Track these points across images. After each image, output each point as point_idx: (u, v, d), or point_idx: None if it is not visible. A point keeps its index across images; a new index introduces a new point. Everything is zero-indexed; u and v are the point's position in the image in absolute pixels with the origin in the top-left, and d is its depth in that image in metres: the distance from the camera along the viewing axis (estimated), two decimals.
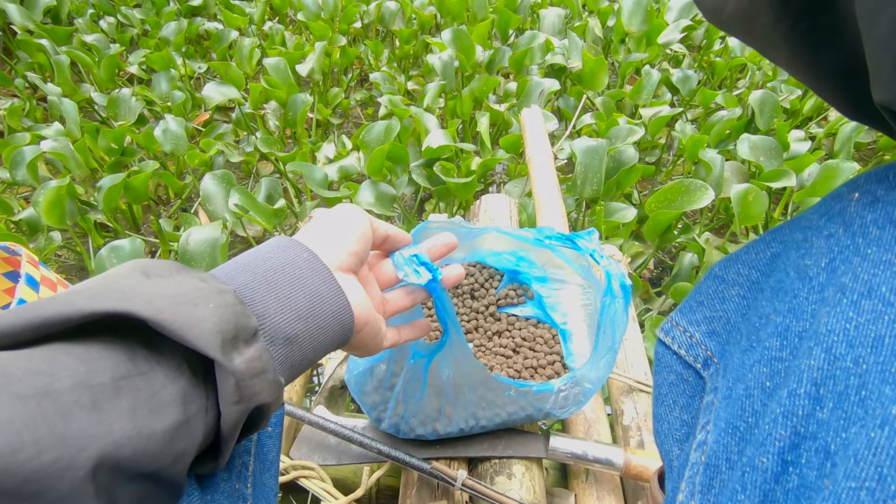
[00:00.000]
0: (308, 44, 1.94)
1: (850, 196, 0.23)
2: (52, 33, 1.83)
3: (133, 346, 0.24)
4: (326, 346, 0.31)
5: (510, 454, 0.57)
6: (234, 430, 0.26)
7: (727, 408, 0.24)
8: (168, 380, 0.23)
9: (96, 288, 0.24)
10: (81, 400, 0.20)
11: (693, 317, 0.30)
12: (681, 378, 0.31)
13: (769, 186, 1.26)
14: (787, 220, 0.27)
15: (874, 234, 0.21)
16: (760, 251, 0.28)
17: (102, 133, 1.42)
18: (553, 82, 1.60)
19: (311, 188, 1.27)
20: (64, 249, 1.38)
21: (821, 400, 0.20)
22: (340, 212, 0.35)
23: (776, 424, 0.21)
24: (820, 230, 0.23)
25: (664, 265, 1.39)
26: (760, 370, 0.23)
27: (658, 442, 0.32)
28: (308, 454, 0.59)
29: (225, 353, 0.24)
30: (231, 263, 0.30)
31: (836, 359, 0.20)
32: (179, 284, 0.26)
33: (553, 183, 0.98)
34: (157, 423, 0.22)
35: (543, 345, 0.62)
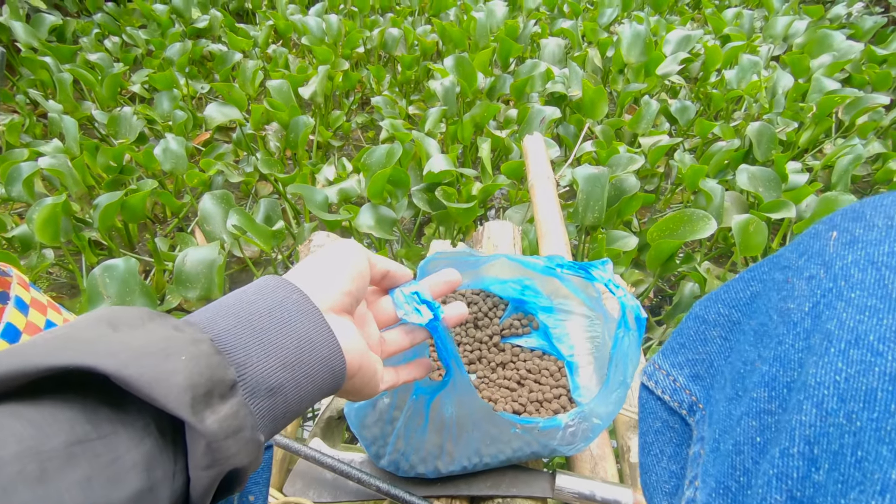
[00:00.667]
0: (311, 67, 1.96)
1: (828, 235, 0.22)
2: (57, 51, 1.84)
3: (95, 405, 0.21)
4: (314, 395, 0.29)
5: (514, 493, 0.55)
6: (206, 497, 0.24)
7: (716, 463, 0.23)
8: (132, 443, 0.21)
9: (56, 340, 0.22)
10: (26, 470, 0.18)
11: (675, 359, 0.29)
12: (667, 425, 0.29)
13: (769, 217, 1.26)
14: (766, 259, 0.26)
15: (856, 276, 0.20)
16: (740, 290, 0.27)
17: (102, 151, 1.41)
18: (554, 110, 1.62)
19: (310, 210, 1.27)
20: (56, 267, 1.35)
21: (816, 460, 0.19)
22: (336, 249, 0.33)
23: (770, 488, 0.19)
24: (800, 271, 0.23)
25: (664, 294, 1.38)
26: (749, 423, 0.22)
27: (647, 495, 0.31)
28: (303, 490, 0.56)
29: (196, 412, 0.22)
30: (213, 306, 0.28)
31: (828, 414, 0.19)
32: (149, 334, 0.24)
33: (556, 209, 0.98)
34: (115, 493, 0.20)
35: (549, 377, 0.60)
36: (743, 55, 1.95)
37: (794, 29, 2.32)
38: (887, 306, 0.18)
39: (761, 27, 2.45)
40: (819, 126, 1.68)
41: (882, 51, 2.05)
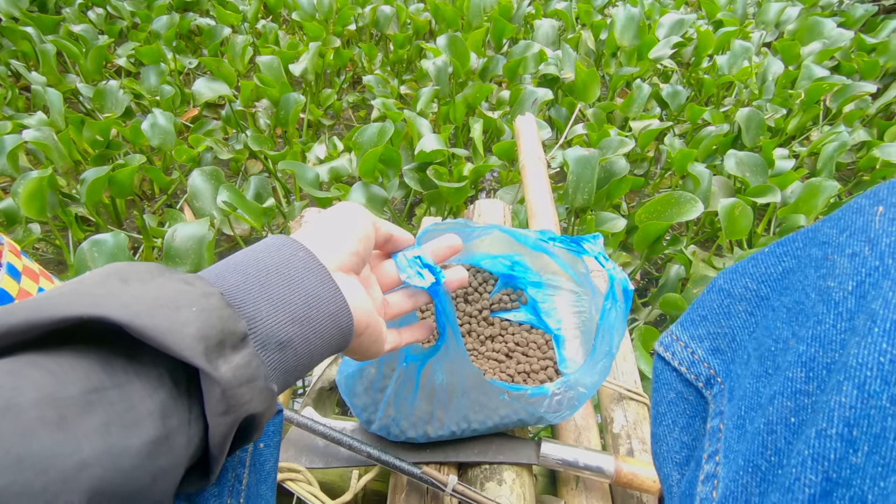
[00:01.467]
0: (302, 44, 1.93)
1: (874, 210, 0.21)
2: (39, 21, 1.79)
3: (109, 355, 0.22)
4: (323, 350, 0.29)
5: (501, 460, 0.57)
6: (224, 444, 0.24)
7: (743, 441, 0.23)
8: (146, 392, 0.22)
9: (68, 293, 0.22)
10: (46, 415, 0.19)
11: (695, 331, 0.29)
12: (681, 397, 0.29)
13: (754, 202, 1.29)
14: (798, 233, 0.25)
15: None
16: (770, 265, 0.26)
17: (88, 125, 1.39)
18: (546, 92, 1.61)
19: (302, 187, 1.26)
20: (42, 242, 1.34)
21: (854, 442, 0.18)
22: (341, 210, 0.34)
23: (804, 468, 0.19)
24: (841, 247, 0.22)
25: (650, 276, 1.41)
26: (784, 403, 0.21)
27: (657, 464, 0.31)
28: (295, 457, 0.58)
29: (209, 360, 0.23)
30: (221, 264, 0.28)
31: (870, 396, 0.18)
32: (160, 288, 0.24)
33: (546, 190, 0.99)
34: (132, 439, 0.20)
35: (536, 350, 0.62)
36: (735, 41, 1.96)
37: (786, 15, 2.32)
38: None
39: (754, 13, 2.46)
40: (807, 113, 1.70)
41: (871, 39, 2.07)
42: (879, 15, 2.48)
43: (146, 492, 0.21)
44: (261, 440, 0.33)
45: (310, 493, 0.55)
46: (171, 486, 0.23)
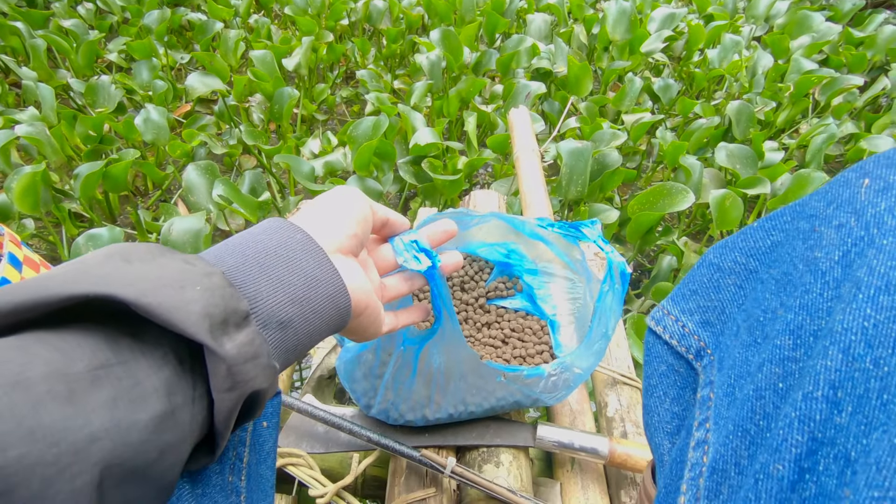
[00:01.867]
0: (294, 38, 1.93)
1: (860, 182, 0.22)
2: (28, 16, 1.77)
3: (114, 333, 0.22)
4: (322, 330, 0.30)
5: (498, 443, 0.58)
6: (229, 420, 0.25)
7: (733, 408, 0.23)
8: (151, 369, 0.22)
9: (73, 272, 0.22)
10: (55, 389, 0.19)
11: (686, 305, 0.30)
12: (672, 369, 0.30)
13: (745, 193, 1.31)
14: (787, 207, 0.26)
15: (889, 223, 0.20)
16: (759, 239, 0.27)
17: (80, 120, 1.38)
18: (539, 85, 1.62)
19: (297, 181, 1.27)
20: (36, 238, 1.34)
21: (839, 403, 0.19)
22: (339, 194, 0.34)
23: (791, 429, 0.20)
24: (828, 219, 0.22)
25: (643, 268, 1.42)
26: (772, 370, 0.22)
27: (648, 434, 0.32)
28: (296, 442, 0.58)
29: (214, 337, 0.23)
30: (220, 246, 0.29)
31: (855, 359, 0.19)
32: (163, 267, 0.24)
33: (540, 182, 1.00)
34: (139, 413, 0.21)
35: (532, 335, 0.63)
36: (725, 35, 1.98)
37: (775, 9, 2.35)
38: None
39: (744, 7, 2.48)
40: (796, 106, 1.72)
41: (859, 33, 2.10)
42: (867, 9, 2.51)
43: (154, 466, 0.22)
44: (261, 419, 0.33)
45: (311, 478, 0.56)
46: (178, 460, 0.23)
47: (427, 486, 0.56)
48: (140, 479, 0.21)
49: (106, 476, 0.20)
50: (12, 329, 0.21)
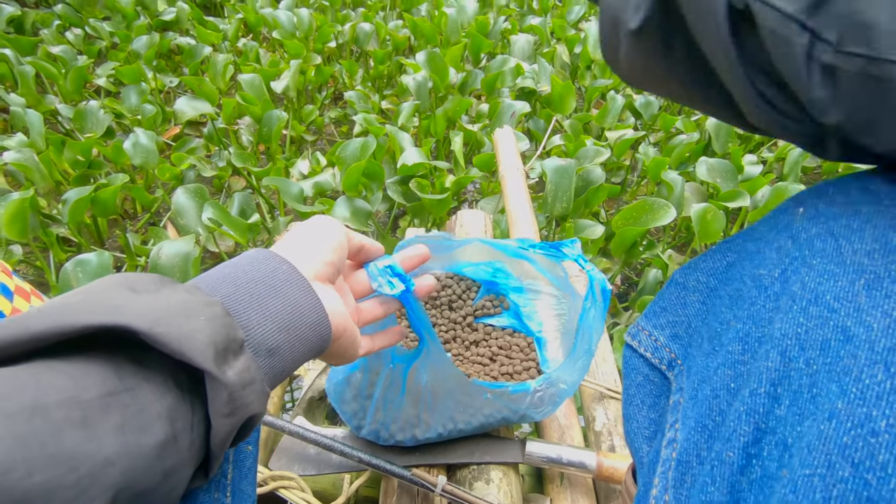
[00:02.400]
0: (283, 61, 1.96)
1: (796, 210, 0.25)
2: (16, 43, 1.79)
3: (119, 361, 0.23)
4: (304, 356, 0.31)
5: (488, 460, 0.59)
6: (225, 444, 0.26)
7: (695, 407, 0.26)
8: (155, 396, 0.23)
9: (84, 302, 0.24)
10: (72, 416, 0.20)
11: (657, 321, 0.32)
12: (647, 379, 0.33)
13: (726, 206, 1.34)
14: (740, 232, 0.30)
15: (818, 246, 0.23)
16: (717, 260, 0.30)
17: (69, 145, 1.39)
18: (523, 105, 1.66)
19: (286, 202, 1.28)
20: (23, 264, 1.33)
21: (778, 398, 0.22)
22: (316, 223, 0.36)
23: (740, 421, 0.23)
24: (770, 242, 0.26)
25: (630, 281, 1.45)
26: (725, 372, 0.25)
27: (628, 440, 0.34)
28: (287, 465, 0.59)
29: (218, 365, 0.25)
30: (212, 274, 0.30)
31: (791, 360, 0.22)
32: (168, 298, 0.26)
33: (525, 200, 1.02)
34: (145, 439, 0.22)
35: (519, 352, 0.64)
36: None
37: None
38: (842, 271, 0.22)
39: None
40: None
41: None
42: None
43: (159, 489, 0.23)
44: (246, 442, 0.35)
45: (303, 500, 0.56)
46: (180, 483, 0.24)
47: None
48: (146, 501, 0.22)
49: (118, 499, 0.21)
50: (24, 355, 0.22)
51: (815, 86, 0.21)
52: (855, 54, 0.20)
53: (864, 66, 0.20)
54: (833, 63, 0.20)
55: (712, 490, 0.23)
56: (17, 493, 0.17)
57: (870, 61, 0.19)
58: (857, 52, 0.20)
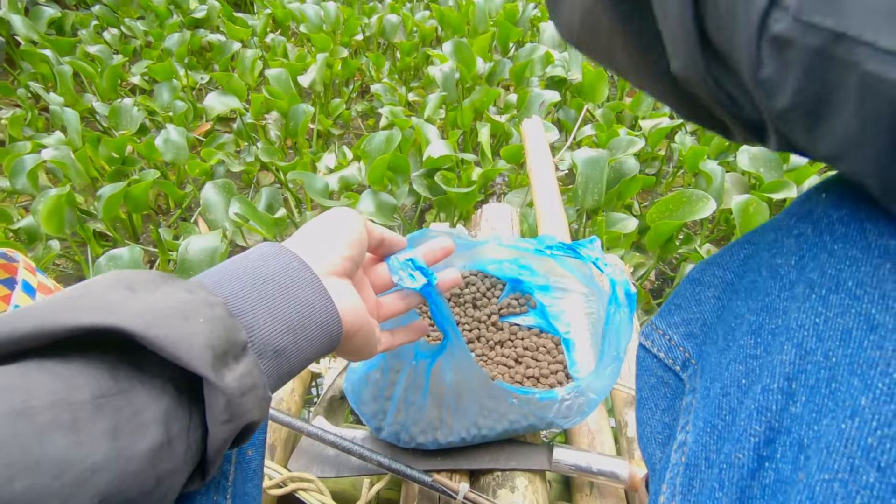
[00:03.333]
0: (310, 55, 1.96)
1: (819, 197, 0.23)
2: (56, 44, 1.84)
3: (114, 362, 0.22)
4: (313, 356, 0.30)
5: (513, 466, 0.56)
6: (222, 449, 0.25)
7: (705, 407, 0.25)
8: (150, 398, 0.22)
9: (79, 300, 0.23)
10: (60, 419, 0.19)
11: (671, 319, 0.31)
12: (661, 381, 0.31)
13: (770, 198, 1.26)
14: (760, 225, 0.28)
15: (840, 231, 0.21)
16: (734, 254, 0.28)
17: (103, 142, 1.42)
18: (553, 94, 1.61)
19: (311, 197, 1.27)
20: (62, 258, 1.37)
21: (793, 394, 0.20)
22: (334, 216, 0.34)
23: (751, 420, 0.21)
24: (790, 230, 0.24)
25: (665, 276, 1.39)
26: (736, 368, 0.23)
27: (641, 445, 0.33)
28: (306, 466, 0.58)
29: (216, 370, 0.23)
30: (218, 270, 0.29)
31: (807, 353, 0.20)
32: (167, 297, 0.25)
33: (554, 193, 0.98)
34: (138, 444, 0.21)
35: (546, 354, 0.61)
36: None
37: None
38: (866, 256, 0.19)
39: None
40: None
41: None
42: None
43: (151, 495, 0.22)
44: (246, 446, 0.33)
45: (322, 503, 0.55)
46: (173, 489, 0.23)
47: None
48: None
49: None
50: (14, 355, 0.21)
51: (764, 62, 0.17)
52: (817, 26, 0.16)
53: (825, 43, 0.16)
54: (787, 35, 0.16)
55: (720, 496, 0.21)
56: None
57: (834, 38, 0.16)
58: (820, 23, 0.16)
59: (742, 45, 0.18)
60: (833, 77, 0.16)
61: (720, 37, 0.19)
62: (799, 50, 0.16)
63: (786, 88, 0.18)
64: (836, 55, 0.16)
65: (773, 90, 0.18)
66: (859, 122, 0.16)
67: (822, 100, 0.17)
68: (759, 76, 0.18)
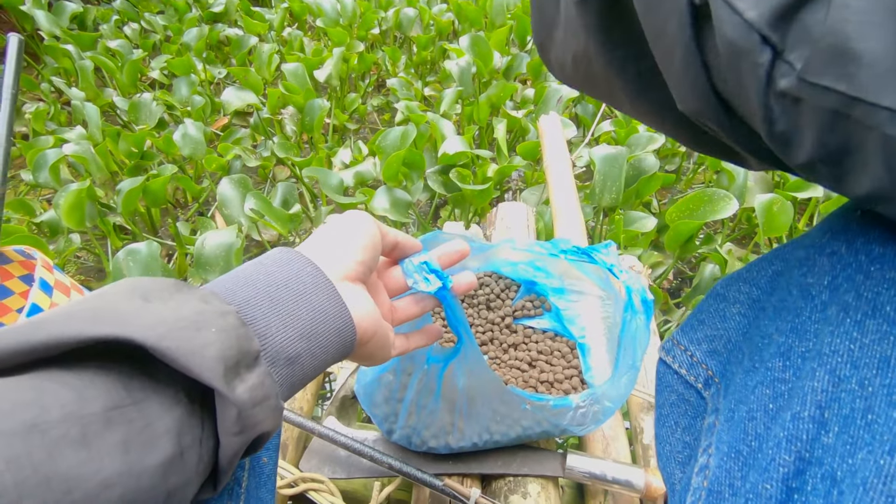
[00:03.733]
0: (326, 50, 1.95)
1: (854, 213, 0.22)
2: (78, 39, 1.87)
3: (127, 372, 0.22)
4: (326, 363, 0.30)
5: (525, 472, 0.55)
6: (234, 461, 0.25)
7: (730, 431, 0.24)
8: (163, 409, 0.22)
9: (92, 310, 0.23)
10: (70, 433, 0.19)
11: (694, 335, 0.30)
12: (682, 398, 0.30)
13: (794, 197, 1.22)
14: (790, 241, 0.26)
15: (877, 251, 0.20)
16: (762, 269, 0.27)
17: (123, 137, 1.44)
18: (571, 89, 1.58)
19: (326, 193, 1.27)
20: (83, 251, 1.40)
21: (825, 424, 0.19)
22: (348, 220, 0.34)
23: (780, 449, 0.20)
24: (822, 248, 0.23)
25: (684, 276, 1.36)
26: (763, 392, 0.22)
27: (661, 464, 0.32)
28: (318, 467, 0.58)
29: (227, 381, 0.23)
30: (232, 276, 0.29)
31: (841, 381, 0.19)
32: (180, 307, 0.24)
33: (571, 191, 0.96)
34: (150, 457, 0.21)
35: (561, 359, 0.60)
36: None
37: None
38: None
39: None
40: None
41: None
42: None
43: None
44: (261, 455, 0.33)
45: None
46: (184, 501, 0.23)
47: None
48: None
49: None
50: (27, 364, 0.21)
51: (776, 118, 0.16)
52: (830, 89, 0.15)
53: (840, 106, 0.15)
54: (796, 93, 0.15)
55: None
56: None
57: (850, 101, 0.14)
58: (831, 86, 0.15)
59: (751, 98, 0.17)
60: (853, 135, 0.15)
61: (728, 90, 0.18)
62: (812, 109, 0.16)
63: (803, 143, 0.17)
64: (853, 117, 0.15)
65: (790, 144, 0.17)
66: (891, 176, 0.15)
67: (845, 153, 0.16)
68: (774, 131, 0.17)
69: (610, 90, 0.24)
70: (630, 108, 0.25)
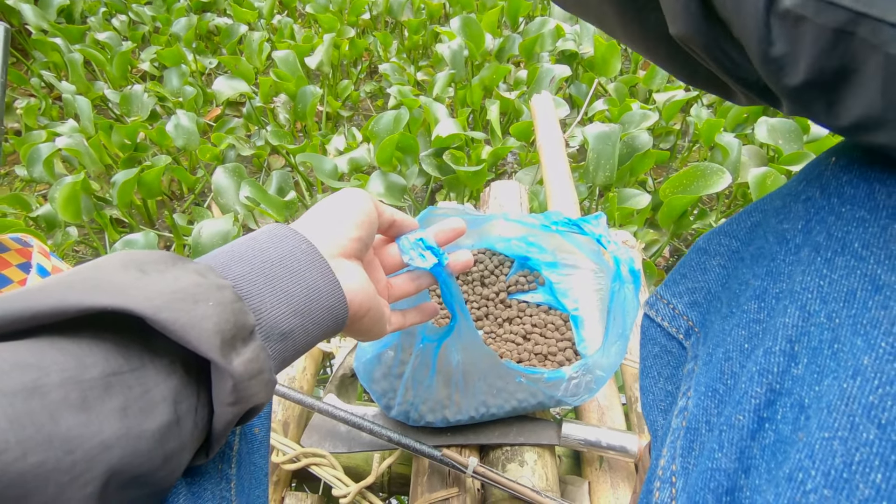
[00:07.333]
0: (317, 36, 1.94)
1: (828, 161, 0.23)
2: (66, 32, 1.85)
3: (125, 340, 0.23)
4: (318, 338, 0.30)
5: (522, 441, 0.57)
6: (227, 429, 0.26)
7: (707, 373, 0.25)
8: (160, 377, 0.23)
9: (90, 280, 0.23)
10: (70, 397, 0.20)
11: (676, 289, 0.31)
12: (664, 350, 0.31)
13: (788, 170, 1.23)
14: (769, 193, 0.27)
15: (849, 193, 0.21)
16: (742, 221, 0.28)
17: (116, 129, 1.44)
18: (564, 69, 1.57)
19: (321, 180, 1.27)
20: (81, 245, 1.40)
21: (795, 356, 0.20)
22: (343, 196, 0.34)
23: (752, 383, 0.21)
24: (798, 195, 0.24)
25: (679, 252, 1.37)
26: (739, 333, 0.23)
27: (645, 413, 0.33)
28: (319, 442, 0.59)
29: (224, 354, 0.24)
30: (226, 251, 0.29)
31: (811, 315, 0.20)
32: (177, 279, 0.25)
33: (564, 170, 0.97)
34: (147, 422, 0.22)
35: (555, 331, 0.61)
36: None
37: None
38: (874, 217, 0.19)
39: None
40: None
41: None
42: None
43: (157, 472, 0.22)
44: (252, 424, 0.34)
45: (334, 477, 0.56)
46: (179, 467, 0.24)
47: (450, 485, 0.55)
48: (142, 484, 0.22)
49: (111, 482, 0.20)
50: (27, 331, 0.22)
51: (774, 39, 0.16)
52: (834, 4, 0.15)
53: (844, 23, 0.15)
54: (800, 11, 0.15)
55: (719, 456, 0.21)
56: (11, 475, 0.17)
57: (855, 17, 0.14)
58: (837, 1, 0.14)
59: (749, 18, 0.17)
60: (854, 56, 0.15)
61: (725, 7, 0.18)
62: (814, 27, 0.15)
63: (799, 66, 0.17)
64: (857, 35, 0.15)
65: (786, 68, 0.17)
66: (886, 100, 0.15)
67: (841, 77, 0.16)
68: (770, 54, 0.17)
69: (602, 13, 0.24)
70: (622, 33, 0.25)
